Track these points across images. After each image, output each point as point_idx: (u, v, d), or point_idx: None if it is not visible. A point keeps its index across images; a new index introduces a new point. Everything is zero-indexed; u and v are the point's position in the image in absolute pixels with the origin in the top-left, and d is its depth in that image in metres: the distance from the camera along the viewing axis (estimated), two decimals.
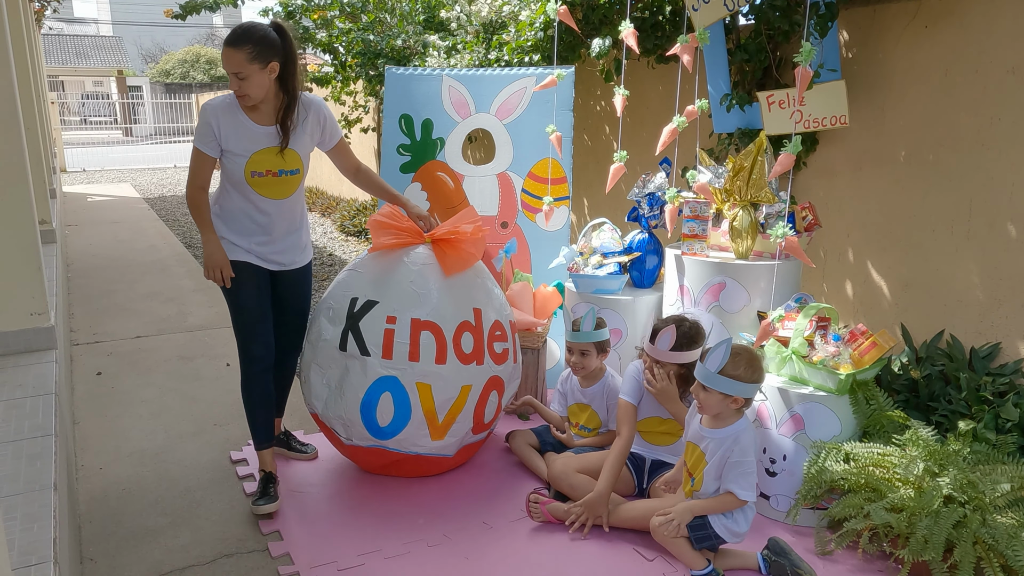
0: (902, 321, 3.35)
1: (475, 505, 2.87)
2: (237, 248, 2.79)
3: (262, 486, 2.83)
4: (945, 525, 2.22)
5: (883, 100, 3.37)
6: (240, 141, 2.69)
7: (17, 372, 2.91)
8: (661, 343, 2.65)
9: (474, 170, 4.05)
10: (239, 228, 2.79)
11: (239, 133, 2.69)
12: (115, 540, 2.63)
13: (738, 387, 2.32)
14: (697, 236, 3.16)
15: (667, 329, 2.65)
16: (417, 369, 2.79)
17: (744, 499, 2.36)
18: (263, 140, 2.71)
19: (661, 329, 2.67)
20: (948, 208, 3.15)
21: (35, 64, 7.56)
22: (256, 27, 2.61)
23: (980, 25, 2.98)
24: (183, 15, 7.08)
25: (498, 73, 4.00)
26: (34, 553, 1.76)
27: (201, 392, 3.97)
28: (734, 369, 2.32)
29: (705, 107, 3.16)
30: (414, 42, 6.13)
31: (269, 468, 2.89)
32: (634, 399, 2.77)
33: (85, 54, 34.76)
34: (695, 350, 2.67)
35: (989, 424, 2.67)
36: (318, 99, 2.86)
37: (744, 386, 2.33)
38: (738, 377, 2.32)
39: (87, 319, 5.24)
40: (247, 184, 2.73)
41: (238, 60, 2.56)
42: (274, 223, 2.81)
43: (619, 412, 2.78)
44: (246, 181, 2.72)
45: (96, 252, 7.54)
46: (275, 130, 2.72)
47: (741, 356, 2.35)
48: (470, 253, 2.94)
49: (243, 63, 2.55)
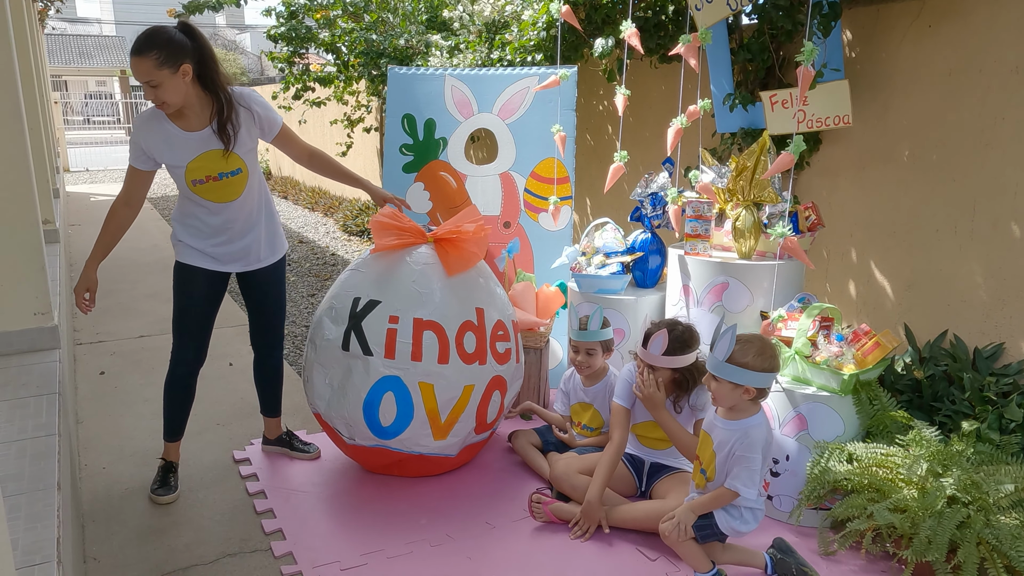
0: (905, 321, 3.34)
1: (478, 505, 2.87)
2: (192, 251, 2.80)
3: (162, 475, 2.91)
4: (948, 526, 2.22)
5: (886, 100, 3.36)
6: (173, 152, 2.63)
7: (21, 371, 2.91)
8: (653, 347, 2.61)
9: (477, 170, 4.05)
10: (195, 232, 2.79)
11: (170, 144, 2.62)
12: (118, 539, 2.64)
13: (748, 376, 2.25)
14: (700, 236, 3.15)
15: (659, 333, 2.61)
16: (420, 369, 2.79)
17: (737, 492, 2.29)
18: (197, 146, 2.64)
19: (653, 333, 2.63)
20: (952, 208, 3.15)
21: (38, 64, 7.58)
22: (160, 31, 2.51)
23: (984, 24, 2.97)
24: (186, 14, 7.09)
25: (501, 73, 4.00)
26: (37, 552, 1.76)
27: (203, 392, 3.95)
28: (742, 357, 2.26)
29: (708, 107, 3.15)
30: (417, 42, 6.13)
31: (172, 458, 2.99)
32: (627, 403, 2.74)
33: (88, 54, 34.80)
34: (689, 354, 2.63)
35: (993, 424, 2.66)
36: (247, 91, 2.76)
37: (754, 375, 2.25)
38: (747, 365, 2.25)
39: (90, 318, 5.25)
40: (192, 192, 2.71)
41: (146, 68, 2.46)
42: (228, 225, 2.79)
43: (612, 416, 2.77)
44: (189, 189, 2.70)
45: None
46: (209, 133, 2.64)
47: (751, 344, 2.28)
48: (472, 253, 2.93)
49: (152, 70, 2.46)
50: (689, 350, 2.64)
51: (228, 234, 2.80)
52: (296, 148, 2.92)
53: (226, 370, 4.27)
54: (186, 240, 2.80)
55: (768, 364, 2.28)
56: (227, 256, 2.84)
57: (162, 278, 6.36)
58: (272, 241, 2.95)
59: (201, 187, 2.68)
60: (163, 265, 6.83)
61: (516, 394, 3.21)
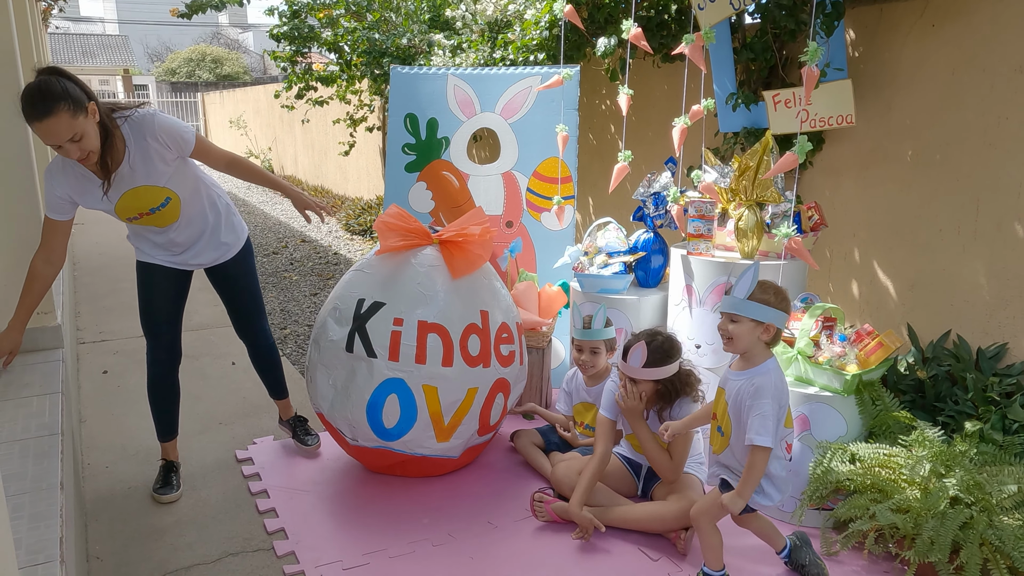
0: (908, 321, 3.34)
1: (480, 504, 2.87)
2: (147, 253, 2.82)
3: (163, 475, 2.93)
4: (951, 526, 2.22)
5: (890, 99, 3.36)
6: (97, 199, 2.54)
7: (24, 371, 2.92)
8: (632, 360, 2.57)
9: (479, 169, 4.05)
10: (147, 243, 2.81)
11: (91, 191, 2.52)
12: (121, 538, 2.64)
13: (769, 313, 2.20)
14: (702, 236, 3.15)
15: (637, 346, 2.57)
16: (423, 371, 2.79)
17: (756, 444, 2.15)
18: (116, 189, 2.54)
19: (632, 346, 2.59)
20: (955, 208, 3.14)
21: (42, 63, 7.58)
22: (50, 83, 2.29)
23: (988, 24, 2.96)
24: (189, 14, 7.09)
25: (503, 72, 4.00)
26: (40, 552, 1.76)
27: (206, 391, 3.98)
28: (763, 294, 2.22)
29: (711, 106, 3.14)
30: (419, 41, 6.13)
31: (171, 458, 3.00)
32: (612, 415, 2.72)
33: (91, 53, 34.88)
34: (669, 365, 2.58)
35: (996, 425, 2.65)
36: (147, 115, 2.54)
37: (775, 312, 2.21)
38: (767, 302, 2.20)
39: (93, 318, 5.26)
40: (130, 224, 2.72)
41: (65, 124, 2.26)
42: (177, 239, 2.80)
43: (597, 427, 2.74)
44: (129, 225, 2.71)
45: (102, 251, 7.57)
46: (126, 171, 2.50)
47: (768, 284, 2.26)
48: (478, 255, 2.92)
49: (72, 123, 2.28)
50: (670, 361, 2.59)
51: (179, 246, 2.82)
52: (213, 159, 2.79)
53: (228, 369, 4.28)
54: (142, 247, 2.83)
55: (785, 304, 2.26)
56: (183, 262, 2.86)
57: None
58: (226, 238, 2.92)
59: (137, 222, 2.69)
60: None
61: (519, 395, 3.21)
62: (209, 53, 34.69)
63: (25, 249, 2.79)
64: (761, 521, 2.44)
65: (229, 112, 17.71)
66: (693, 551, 2.56)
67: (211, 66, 33.87)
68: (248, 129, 16.18)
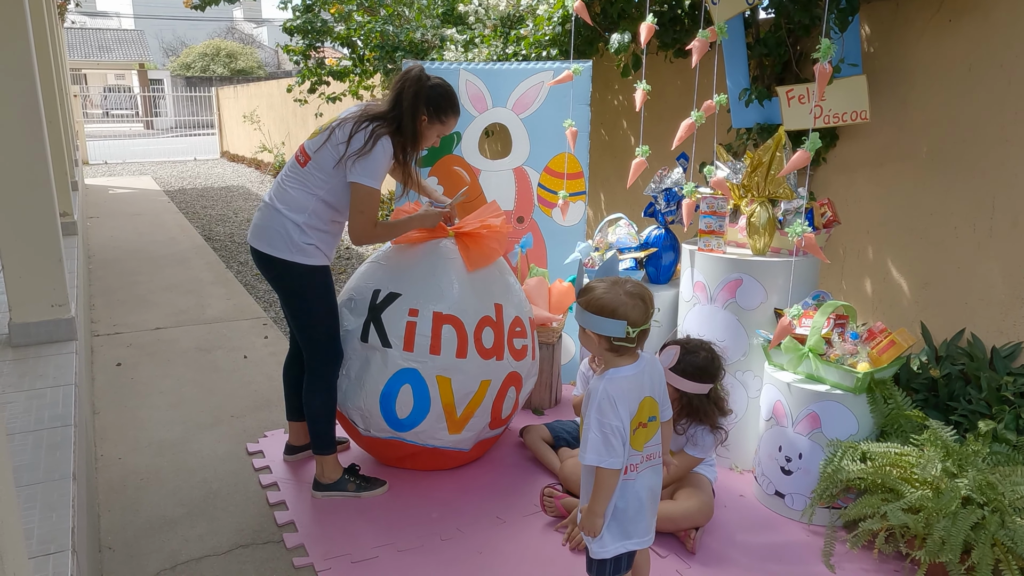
0: (922, 319, 3.31)
1: (489, 499, 2.87)
2: (321, 254, 2.75)
3: (361, 479, 2.89)
4: (963, 527, 2.20)
5: (905, 95, 3.32)
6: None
7: (38, 363, 2.95)
8: (664, 356, 2.45)
9: (491, 164, 4.05)
10: (333, 246, 2.82)
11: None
12: (133, 529, 2.66)
13: (590, 320, 1.93)
14: (714, 232, 3.13)
15: (674, 348, 2.47)
16: (438, 362, 2.80)
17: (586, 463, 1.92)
18: None
19: (670, 344, 2.54)
20: (970, 205, 3.11)
21: (58, 57, 7.64)
22: None
23: (1005, 19, 2.93)
24: (202, 6, 7.12)
25: (515, 67, 3.99)
26: (53, 541, 1.78)
27: (219, 384, 4.00)
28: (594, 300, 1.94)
29: (724, 102, 3.12)
30: (432, 36, 6.12)
31: (348, 463, 2.97)
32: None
33: (107, 47, 35.08)
34: (698, 383, 2.51)
35: (1010, 425, 2.63)
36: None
37: (595, 319, 1.91)
38: (587, 305, 1.94)
39: (107, 310, 5.30)
40: (336, 225, 2.79)
41: None
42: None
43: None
44: (334, 225, 2.77)
45: (117, 244, 7.62)
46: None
47: (598, 284, 1.97)
48: (493, 248, 2.94)
49: None
50: (700, 380, 2.52)
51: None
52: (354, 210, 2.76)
53: (240, 362, 4.30)
54: (322, 248, 2.72)
55: (608, 307, 1.88)
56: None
57: (179, 271, 6.41)
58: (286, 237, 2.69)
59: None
60: (180, 258, 6.88)
61: (530, 391, 3.21)
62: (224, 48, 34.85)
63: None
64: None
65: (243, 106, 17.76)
66: (702, 549, 2.55)
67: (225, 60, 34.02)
68: (261, 124, 16.24)
